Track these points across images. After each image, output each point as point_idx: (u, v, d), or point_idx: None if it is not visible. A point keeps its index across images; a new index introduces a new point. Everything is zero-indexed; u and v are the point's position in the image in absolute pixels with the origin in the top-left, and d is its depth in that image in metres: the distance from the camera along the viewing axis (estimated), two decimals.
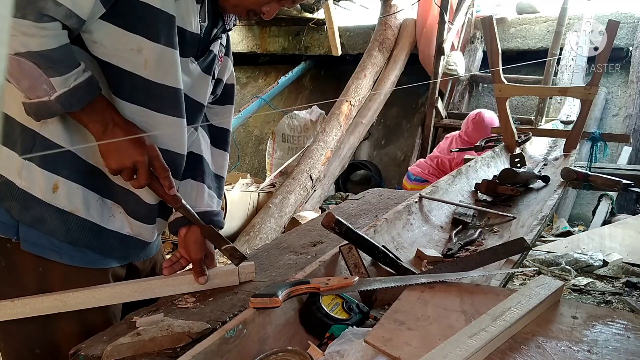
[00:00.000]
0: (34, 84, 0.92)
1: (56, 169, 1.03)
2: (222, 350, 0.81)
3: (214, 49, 1.18)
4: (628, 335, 0.78)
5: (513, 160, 2.34)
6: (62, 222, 1.04)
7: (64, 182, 1.03)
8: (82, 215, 1.06)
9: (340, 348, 0.83)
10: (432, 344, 0.76)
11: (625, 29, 5.00)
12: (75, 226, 1.06)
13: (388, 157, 6.02)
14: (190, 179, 1.21)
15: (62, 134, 1.02)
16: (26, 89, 0.93)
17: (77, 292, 1.04)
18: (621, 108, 5.14)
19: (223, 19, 1.18)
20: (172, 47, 1.05)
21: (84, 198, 1.06)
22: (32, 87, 0.92)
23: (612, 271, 3.35)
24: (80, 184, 1.05)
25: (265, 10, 1.11)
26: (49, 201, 1.03)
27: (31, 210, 1.03)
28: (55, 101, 0.93)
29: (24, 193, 1.02)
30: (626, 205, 4.69)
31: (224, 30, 1.20)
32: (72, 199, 1.04)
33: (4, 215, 1.04)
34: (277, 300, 0.89)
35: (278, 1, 1.11)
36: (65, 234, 1.05)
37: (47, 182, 1.02)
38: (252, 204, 4.38)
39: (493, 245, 1.34)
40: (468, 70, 5.39)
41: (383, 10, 5.62)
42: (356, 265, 1.12)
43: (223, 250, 1.13)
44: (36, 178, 1.02)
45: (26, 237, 1.04)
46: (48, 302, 1.03)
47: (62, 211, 1.04)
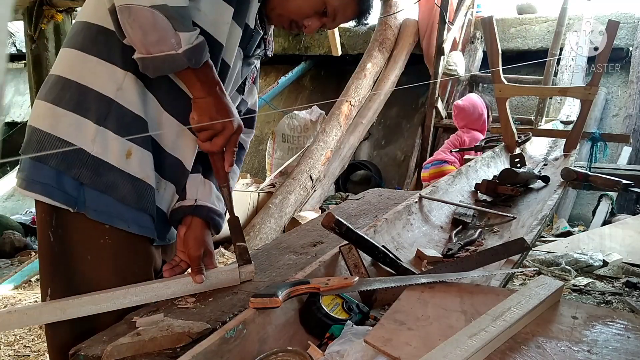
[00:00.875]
0: (163, 37, 0.94)
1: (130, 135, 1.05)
2: (222, 350, 0.81)
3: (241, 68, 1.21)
4: (628, 335, 0.78)
5: (513, 160, 2.34)
6: (133, 189, 1.06)
7: (137, 149, 1.06)
8: (150, 182, 1.09)
9: (340, 348, 0.83)
10: (432, 344, 0.76)
11: (625, 29, 5.00)
12: (145, 193, 1.08)
13: (388, 157, 6.02)
14: (200, 174, 1.22)
15: (137, 102, 1.05)
16: (153, 42, 0.95)
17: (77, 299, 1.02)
18: (621, 108, 5.14)
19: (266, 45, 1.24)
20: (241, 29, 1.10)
21: (152, 166, 1.08)
22: (160, 40, 0.94)
23: (612, 271, 3.35)
24: (149, 151, 1.08)
25: (307, 24, 1.16)
26: (122, 167, 1.05)
27: (104, 177, 1.04)
28: (182, 55, 0.95)
29: (97, 160, 1.04)
30: (626, 205, 4.69)
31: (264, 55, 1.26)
32: (144, 166, 1.07)
33: (68, 185, 1.04)
34: (277, 301, 0.89)
35: (319, 18, 1.15)
36: (136, 200, 1.07)
37: (120, 149, 1.04)
38: (252, 204, 4.38)
39: (493, 245, 1.34)
40: (468, 70, 5.39)
41: (383, 10, 5.62)
42: (356, 265, 1.12)
43: (236, 246, 1.13)
44: (110, 144, 1.04)
45: (95, 206, 1.05)
46: (47, 312, 1.00)
47: (134, 177, 1.06)
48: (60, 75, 1.08)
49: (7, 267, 4.18)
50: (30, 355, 2.59)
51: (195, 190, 1.19)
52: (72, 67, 1.07)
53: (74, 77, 1.06)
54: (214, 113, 1.02)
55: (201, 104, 1.03)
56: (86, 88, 1.04)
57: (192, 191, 1.18)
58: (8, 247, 4.54)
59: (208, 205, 1.19)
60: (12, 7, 0.68)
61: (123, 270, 1.10)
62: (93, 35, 1.06)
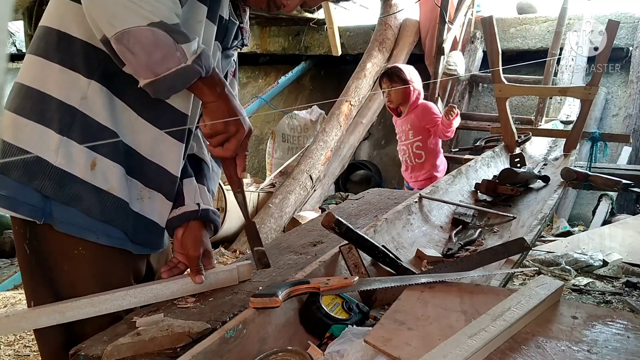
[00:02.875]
0: (168, 53, 0.90)
1: (95, 146, 1.01)
2: (222, 350, 0.81)
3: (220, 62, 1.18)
4: (628, 335, 0.79)
5: (513, 160, 2.34)
6: (98, 200, 1.03)
7: (102, 160, 1.02)
8: (117, 194, 1.04)
9: (340, 348, 0.83)
10: (432, 343, 0.76)
11: (625, 29, 5.00)
12: (111, 205, 1.04)
13: (388, 157, 6.02)
14: (193, 178, 1.21)
15: (103, 111, 1.01)
16: (158, 60, 0.90)
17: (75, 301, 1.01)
18: (621, 108, 5.14)
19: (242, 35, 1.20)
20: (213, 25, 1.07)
21: (119, 177, 1.04)
22: (165, 56, 0.90)
23: (612, 271, 3.35)
24: (117, 162, 1.04)
25: (286, 2, 1.11)
26: (87, 179, 1.01)
27: (67, 188, 1.01)
28: (193, 65, 0.92)
29: (60, 171, 1.00)
30: (626, 205, 4.69)
31: (242, 44, 1.22)
32: (108, 177, 1.03)
33: (33, 197, 1.01)
34: (277, 300, 0.89)
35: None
36: (100, 212, 1.03)
37: (85, 159, 1.01)
38: (252, 204, 4.38)
39: (493, 245, 1.34)
40: (468, 70, 5.39)
41: (383, 10, 5.62)
42: (356, 265, 1.12)
43: (254, 251, 1.10)
44: (74, 155, 1.00)
45: (62, 218, 1.02)
46: (46, 315, 0.98)
47: (98, 189, 1.03)
48: (23, 83, 1.04)
49: (7, 267, 4.18)
50: (30, 355, 2.60)
51: (194, 194, 1.17)
52: (34, 74, 1.03)
53: (36, 85, 1.02)
54: (226, 116, 1.00)
55: (213, 107, 1.00)
56: (49, 97, 1.00)
57: (191, 196, 1.16)
58: (8, 247, 4.54)
59: (210, 208, 1.19)
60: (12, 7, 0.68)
61: (102, 279, 1.07)
62: (55, 41, 1.01)
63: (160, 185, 1.12)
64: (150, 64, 0.91)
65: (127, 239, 1.09)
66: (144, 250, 1.16)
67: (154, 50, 0.90)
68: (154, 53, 0.90)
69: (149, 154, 1.09)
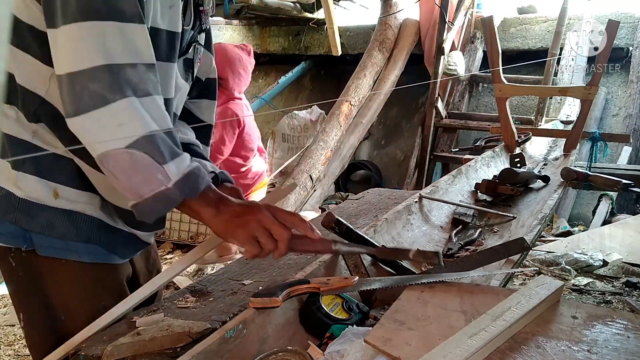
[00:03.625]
0: (148, 176, 0.86)
1: (52, 177, 0.99)
2: (222, 350, 0.82)
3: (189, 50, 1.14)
4: (628, 335, 0.79)
5: (513, 160, 2.34)
6: (70, 223, 1.01)
7: (63, 189, 1.00)
8: (88, 213, 1.03)
9: (340, 348, 0.83)
10: (432, 343, 0.76)
11: (625, 29, 4.99)
12: (85, 224, 1.03)
13: (388, 157, 6.01)
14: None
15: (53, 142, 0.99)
16: (139, 183, 0.87)
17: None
18: (621, 108, 5.14)
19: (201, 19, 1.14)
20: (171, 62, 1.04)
21: (88, 198, 1.03)
22: (145, 179, 0.86)
23: (612, 271, 3.35)
24: (80, 188, 1.02)
25: None
26: (54, 205, 1.00)
27: (38, 218, 0.99)
28: (174, 188, 0.87)
29: (26, 202, 0.99)
30: (626, 205, 4.69)
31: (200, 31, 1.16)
32: (75, 201, 1.01)
33: (10, 226, 1.00)
34: (276, 300, 0.89)
35: None
36: (76, 234, 1.02)
37: (46, 190, 0.99)
38: None
39: (493, 245, 1.34)
40: (468, 70, 5.38)
41: (383, 10, 5.62)
42: (356, 265, 1.12)
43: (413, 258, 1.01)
44: (34, 187, 0.99)
45: (41, 242, 1.01)
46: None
47: (68, 212, 1.01)
48: None
49: None
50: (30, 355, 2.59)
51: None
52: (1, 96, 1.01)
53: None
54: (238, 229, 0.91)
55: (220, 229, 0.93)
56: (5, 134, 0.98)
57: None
58: None
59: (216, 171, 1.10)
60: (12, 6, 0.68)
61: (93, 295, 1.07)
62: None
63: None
64: (132, 187, 0.88)
65: (107, 255, 1.08)
66: (130, 255, 1.16)
67: (133, 173, 0.86)
68: (134, 176, 0.86)
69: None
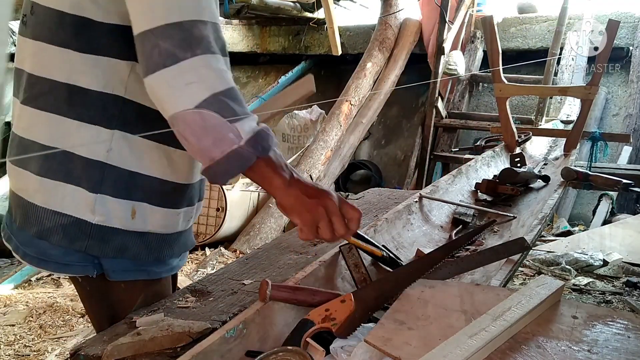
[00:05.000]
0: (220, 135, 0.82)
1: (130, 195, 0.98)
2: (222, 350, 0.81)
3: None
4: (628, 335, 0.78)
5: (513, 159, 2.34)
6: (143, 244, 1.02)
7: (140, 205, 0.99)
8: (158, 231, 1.04)
9: (345, 344, 0.83)
10: (433, 343, 0.76)
11: (625, 28, 4.99)
12: (155, 242, 1.04)
13: (388, 157, 6.02)
14: None
15: (129, 158, 0.97)
16: (209, 145, 0.83)
17: None
18: (621, 108, 5.14)
19: None
20: None
21: (159, 218, 1.03)
22: (217, 140, 0.82)
23: (612, 271, 3.35)
24: (156, 204, 1.01)
25: None
26: (129, 228, 0.99)
27: (112, 242, 0.98)
28: (246, 145, 0.83)
29: (101, 228, 0.97)
30: (626, 205, 4.69)
31: None
32: (147, 220, 1.01)
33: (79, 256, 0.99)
34: None
35: None
36: (147, 254, 1.03)
37: (124, 210, 0.98)
38: (252, 204, 4.38)
39: (493, 245, 1.34)
40: (468, 69, 5.38)
41: (383, 9, 5.62)
42: (356, 265, 1.11)
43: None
44: (112, 209, 0.97)
45: (111, 267, 1.01)
46: None
47: (140, 233, 1.01)
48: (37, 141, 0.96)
49: (7, 267, 4.18)
50: (30, 355, 2.60)
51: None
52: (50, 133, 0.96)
53: (56, 144, 0.95)
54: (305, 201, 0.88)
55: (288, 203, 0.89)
56: (72, 155, 0.95)
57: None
58: None
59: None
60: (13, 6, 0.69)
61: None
62: (65, 96, 0.94)
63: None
64: (204, 149, 0.84)
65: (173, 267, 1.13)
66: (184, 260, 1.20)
67: (203, 134, 0.82)
68: (204, 138, 0.83)
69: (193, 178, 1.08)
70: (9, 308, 3.08)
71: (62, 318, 2.98)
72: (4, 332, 2.81)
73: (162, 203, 1.02)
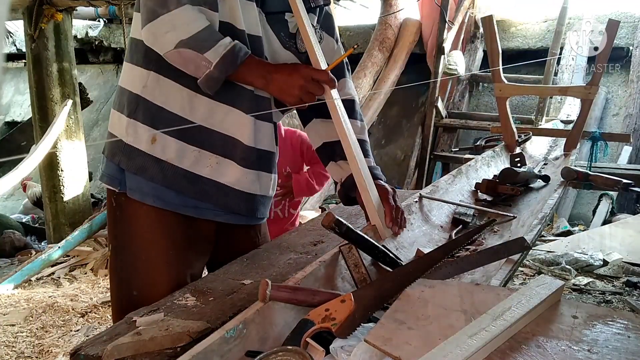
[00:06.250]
0: (196, 65, 1.14)
1: (154, 125, 1.22)
2: (222, 350, 0.81)
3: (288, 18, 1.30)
4: (628, 335, 0.78)
5: (513, 159, 2.34)
6: (159, 169, 1.23)
7: (160, 136, 1.22)
8: (175, 163, 1.23)
9: (345, 344, 0.83)
10: (433, 343, 0.76)
11: (625, 28, 5.00)
12: (170, 172, 1.23)
13: (388, 157, 6.01)
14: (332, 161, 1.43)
15: (159, 95, 1.22)
16: (193, 71, 1.16)
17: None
18: (621, 107, 5.14)
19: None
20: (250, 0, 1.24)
21: (177, 150, 1.23)
22: (196, 67, 1.15)
23: (612, 271, 3.35)
24: (175, 137, 1.22)
25: None
26: (148, 151, 1.22)
27: (135, 160, 1.23)
28: (214, 70, 1.13)
29: (130, 147, 1.24)
30: (626, 204, 4.69)
31: (308, 9, 1.29)
32: (165, 150, 1.22)
33: (113, 169, 1.27)
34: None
35: None
36: (162, 179, 1.23)
37: (147, 136, 1.22)
38: None
39: (493, 244, 1.34)
40: (468, 69, 5.38)
41: (383, 9, 5.62)
42: (356, 265, 1.11)
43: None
44: (139, 133, 1.22)
45: (132, 186, 1.25)
46: None
47: (158, 160, 1.22)
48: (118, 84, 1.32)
49: (7, 267, 4.18)
50: (30, 356, 2.60)
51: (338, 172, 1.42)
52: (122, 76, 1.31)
53: (120, 83, 1.30)
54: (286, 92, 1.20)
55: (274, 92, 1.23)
56: (123, 89, 1.27)
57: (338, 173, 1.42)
58: (8, 247, 4.54)
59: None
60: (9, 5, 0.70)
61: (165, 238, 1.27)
62: (131, 46, 1.28)
63: (231, 153, 1.27)
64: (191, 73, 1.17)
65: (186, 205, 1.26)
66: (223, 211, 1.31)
67: (187, 64, 1.16)
68: (188, 66, 1.16)
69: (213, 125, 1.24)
70: (9, 308, 3.08)
71: (62, 318, 2.98)
72: (4, 332, 2.81)
73: (179, 136, 1.22)
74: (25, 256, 4.33)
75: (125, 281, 1.29)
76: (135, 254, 1.28)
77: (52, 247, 3.93)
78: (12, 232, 4.69)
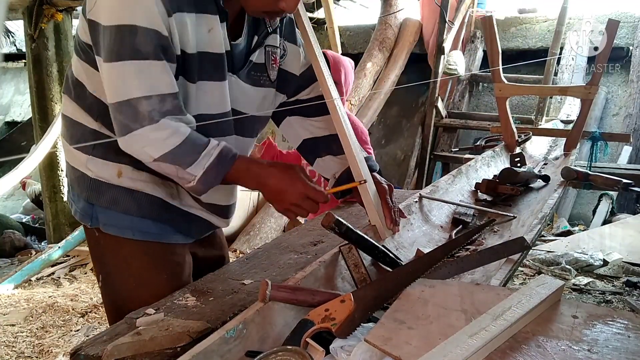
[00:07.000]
0: (180, 175, 1.08)
1: (118, 159, 1.16)
2: (222, 350, 0.81)
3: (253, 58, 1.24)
4: (628, 334, 0.78)
5: (513, 159, 2.34)
6: (132, 200, 1.18)
7: (126, 169, 1.17)
8: (148, 192, 1.19)
9: (345, 344, 0.83)
10: (433, 343, 0.76)
11: (625, 28, 5.00)
12: (145, 201, 1.19)
13: (388, 157, 6.01)
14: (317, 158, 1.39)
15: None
16: (178, 180, 1.11)
17: None
18: (621, 107, 5.14)
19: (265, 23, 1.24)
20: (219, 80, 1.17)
21: (146, 180, 1.18)
22: (180, 177, 1.09)
23: (612, 271, 3.35)
24: (144, 170, 1.16)
25: (283, 6, 1.13)
26: (118, 183, 1.18)
27: (105, 195, 1.18)
28: (198, 184, 1.08)
29: (95, 181, 1.18)
30: (626, 204, 4.69)
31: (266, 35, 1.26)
32: (135, 181, 1.18)
33: (84, 204, 1.21)
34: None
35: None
36: (137, 209, 1.19)
37: (111, 171, 1.17)
38: (252, 204, 4.38)
39: (493, 244, 1.34)
40: (468, 69, 5.38)
41: (383, 9, 5.62)
42: (356, 265, 1.11)
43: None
44: (101, 168, 1.18)
45: (105, 220, 1.20)
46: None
47: (130, 190, 1.18)
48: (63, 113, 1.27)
49: (7, 267, 4.19)
50: (30, 356, 2.60)
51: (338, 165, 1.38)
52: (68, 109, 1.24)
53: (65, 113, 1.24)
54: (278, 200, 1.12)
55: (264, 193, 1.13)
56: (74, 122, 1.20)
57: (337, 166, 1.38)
58: (8, 247, 4.54)
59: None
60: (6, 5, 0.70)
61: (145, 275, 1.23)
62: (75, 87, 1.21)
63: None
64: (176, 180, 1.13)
65: (163, 233, 1.23)
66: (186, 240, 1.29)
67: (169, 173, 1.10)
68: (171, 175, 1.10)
69: None
70: (9, 308, 3.08)
71: (62, 318, 2.98)
72: (4, 332, 2.81)
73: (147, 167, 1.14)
74: (25, 256, 4.33)
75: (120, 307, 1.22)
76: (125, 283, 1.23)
77: (52, 247, 3.93)
78: (12, 232, 4.70)
